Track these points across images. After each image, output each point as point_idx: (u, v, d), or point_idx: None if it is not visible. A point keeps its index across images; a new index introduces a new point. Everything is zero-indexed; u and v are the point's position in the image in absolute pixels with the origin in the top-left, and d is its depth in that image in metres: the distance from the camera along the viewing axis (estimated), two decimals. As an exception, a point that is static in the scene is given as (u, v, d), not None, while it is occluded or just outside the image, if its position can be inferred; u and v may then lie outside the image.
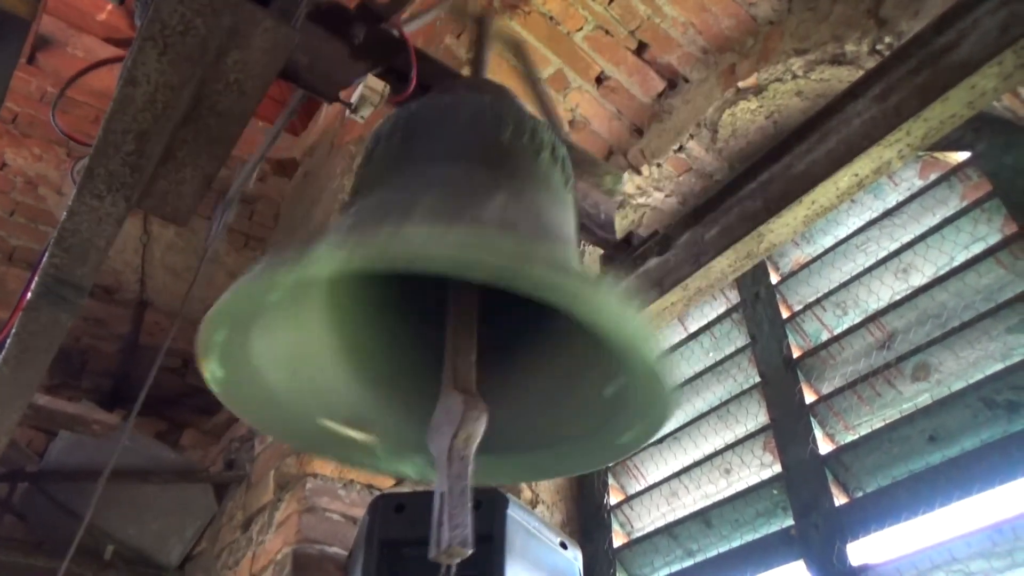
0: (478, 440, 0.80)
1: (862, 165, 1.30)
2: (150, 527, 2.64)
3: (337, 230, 0.73)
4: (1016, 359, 1.41)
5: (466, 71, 1.25)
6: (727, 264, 1.45)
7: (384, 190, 0.92)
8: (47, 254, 1.30)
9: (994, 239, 1.55)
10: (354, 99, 1.34)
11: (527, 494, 2.21)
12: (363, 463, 0.99)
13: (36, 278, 1.35)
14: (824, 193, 1.35)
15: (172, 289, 3.61)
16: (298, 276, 0.71)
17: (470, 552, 0.72)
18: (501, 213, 0.80)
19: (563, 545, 1.79)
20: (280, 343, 0.86)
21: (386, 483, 2.19)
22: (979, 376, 1.46)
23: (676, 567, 1.92)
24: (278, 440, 0.90)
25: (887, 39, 1.81)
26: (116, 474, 2.57)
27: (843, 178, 1.33)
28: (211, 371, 0.80)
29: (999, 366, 1.43)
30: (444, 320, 0.92)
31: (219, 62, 1.04)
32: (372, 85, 1.47)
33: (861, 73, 1.81)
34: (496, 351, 0.96)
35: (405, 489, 1.99)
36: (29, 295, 1.38)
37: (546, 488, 2.26)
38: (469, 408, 0.80)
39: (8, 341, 1.47)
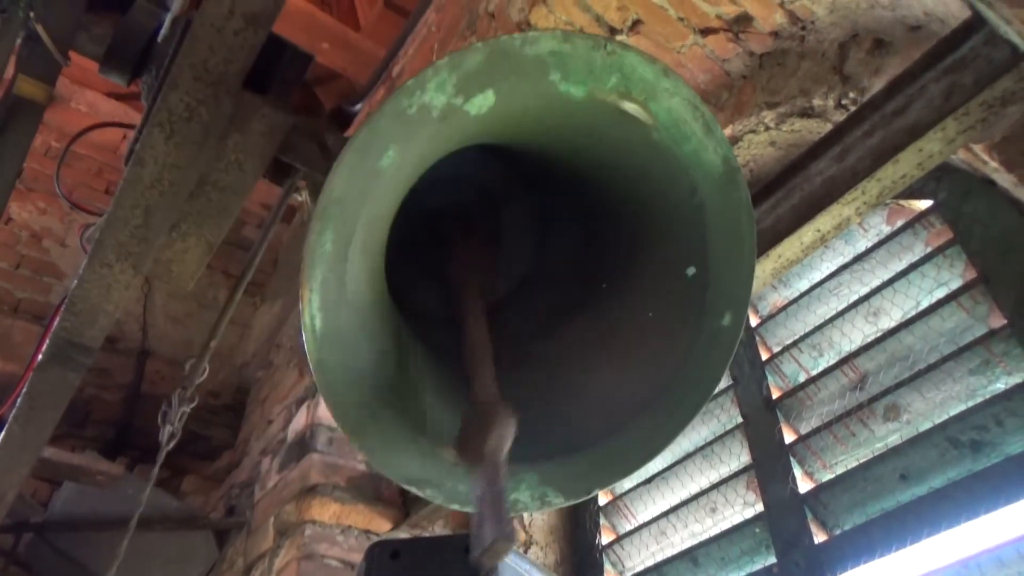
0: (509, 443, 0.81)
1: (823, 221, 1.39)
2: (153, 575, 2.68)
3: None
4: (978, 400, 1.48)
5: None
6: (703, 314, 1.53)
7: None
8: (59, 318, 1.37)
9: (956, 284, 1.63)
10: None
11: (521, 536, 2.26)
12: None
13: (47, 340, 1.43)
14: (790, 247, 1.44)
15: (173, 337, 3.69)
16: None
17: (513, 547, 0.73)
18: None
19: (554, 586, 1.84)
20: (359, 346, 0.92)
21: (382, 528, 2.24)
22: (945, 416, 1.52)
23: (667, 605, 1.97)
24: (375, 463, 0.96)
25: (851, 94, 1.90)
26: (119, 523, 2.63)
27: (806, 233, 1.41)
28: (310, 311, 0.84)
29: (963, 407, 1.50)
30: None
31: (221, 144, 1.13)
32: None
33: (829, 126, 1.91)
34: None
35: (402, 534, 2.05)
36: (40, 357, 1.45)
37: (540, 529, 2.32)
38: (496, 414, 0.82)
39: (19, 400, 1.54)
